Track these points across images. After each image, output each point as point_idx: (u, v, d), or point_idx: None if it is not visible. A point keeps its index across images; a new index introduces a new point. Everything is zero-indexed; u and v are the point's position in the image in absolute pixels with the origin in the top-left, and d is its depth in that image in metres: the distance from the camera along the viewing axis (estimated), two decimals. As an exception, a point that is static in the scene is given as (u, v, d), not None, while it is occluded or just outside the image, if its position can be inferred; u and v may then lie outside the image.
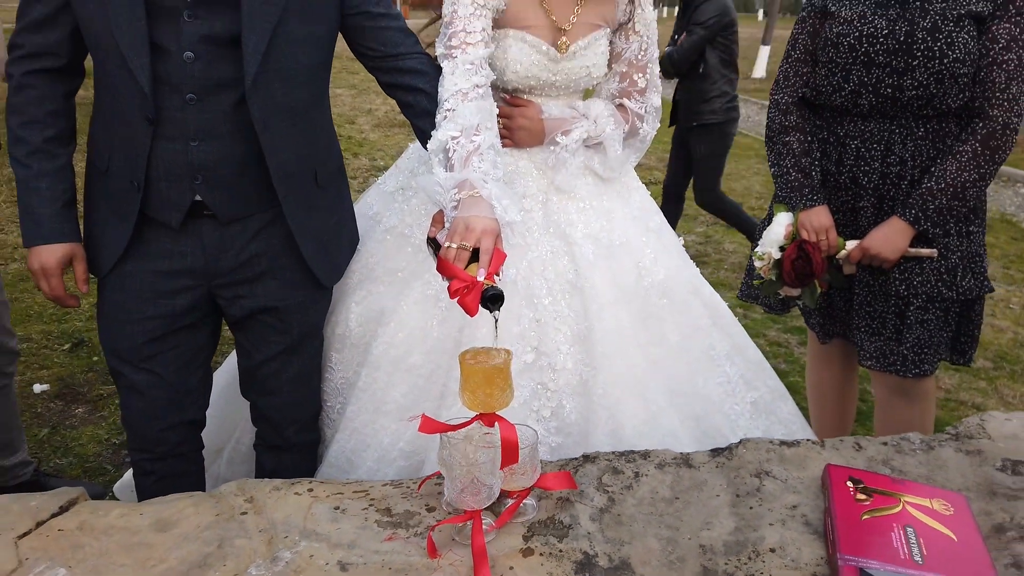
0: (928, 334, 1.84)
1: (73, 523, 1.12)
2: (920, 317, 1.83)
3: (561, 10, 1.54)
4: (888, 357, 1.86)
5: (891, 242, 1.77)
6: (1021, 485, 1.20)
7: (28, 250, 1.42)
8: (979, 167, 1.70)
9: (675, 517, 1.15)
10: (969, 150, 1.71)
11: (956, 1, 1.69)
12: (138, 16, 1.23)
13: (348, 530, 1.12)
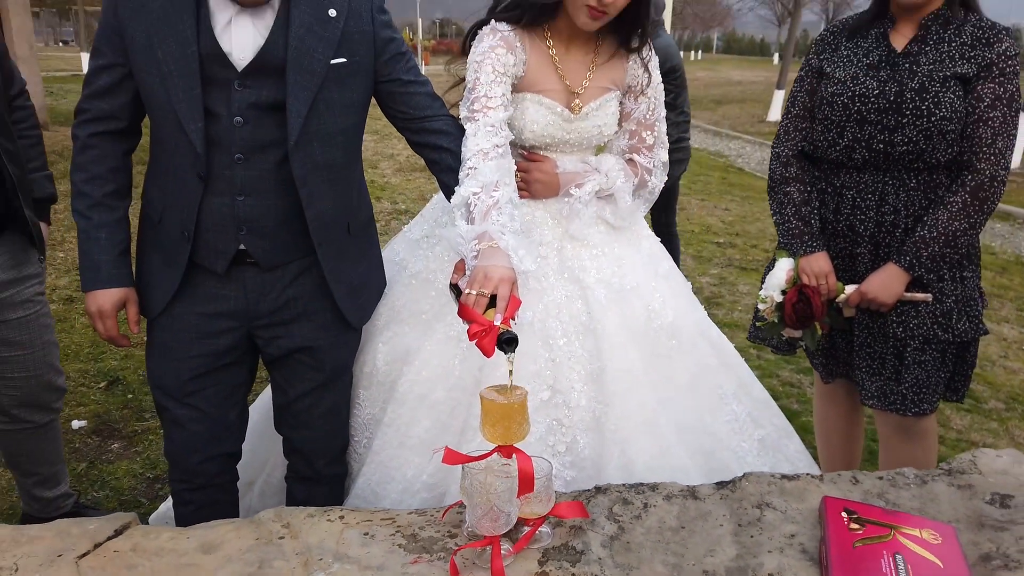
0: (926, 374, 1.91)
1: (127, 545, 1.22)
2: (918, 358, 1.91)
3: (574, 76, 1.68)
4: (888, 396, 1.94)
5: (887, 287, 1.86)
6: (1008, 517, 1.27)
7: (86, 294, 1.56)
8: (969, 216, 1.80)
9: (681, 545, 1.23)
10: (959, 201, 1.80)
11: (942, 64, 1.80)
12: (195, 87, 1.38)
13: (377, 554, 1.21)
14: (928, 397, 1.93)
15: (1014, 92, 1.80)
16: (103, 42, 1.45)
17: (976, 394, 3.52)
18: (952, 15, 1.83)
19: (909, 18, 1.87)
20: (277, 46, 1.40)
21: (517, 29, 1.64)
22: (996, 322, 4.53)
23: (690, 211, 7.04)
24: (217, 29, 1.38)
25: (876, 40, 1.91)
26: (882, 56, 1.88)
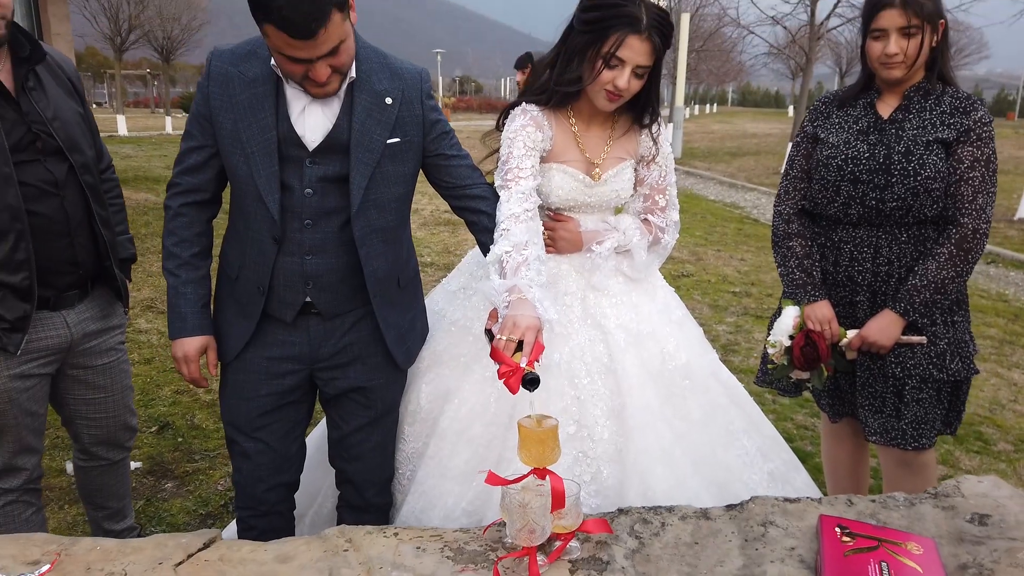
0: (924, 411, 2.08)
1: (215, 555, 1.42)
2: (916, 396, 2.08)
3: (594, 148, 1.92)
4: (890, 432, 2.11)
5: (885, 331, 2.05)
6: (985, 533, 1.43)
7: (173, 341, 1.79)
8: (955, 266, 1.99)
9: (694, 557, 1.41)
10: (946, 252, 2.00)
11: (925, 129, 2.02)
12: (273, 164, 1.63)
13: (429, 563, 1.40)
14: (927, 432, 2.10)
15: (990, 154, 2.02)
16: (194, 127, 1.71)
17: (986, 436, 3.64)
18: (931, 87, 2.06)
19: (893, 90, 2.10)
20: (342, 129, 1.65)
21: (544, 110, 1.89)
22: (1007, 367, 4.65)
23: (707, 261, 7.24)
24: (293, 116, 1.64)
25: (864, 109, 2.13)
26: (870, 123, 2.11)
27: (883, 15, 1.97)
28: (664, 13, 1.74)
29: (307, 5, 1.41)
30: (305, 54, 1.48)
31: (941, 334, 2.08)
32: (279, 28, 1.43)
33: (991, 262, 7.91)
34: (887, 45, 1.98)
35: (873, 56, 2.03)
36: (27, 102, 1.77)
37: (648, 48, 1.73)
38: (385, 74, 1.70)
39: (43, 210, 1.78)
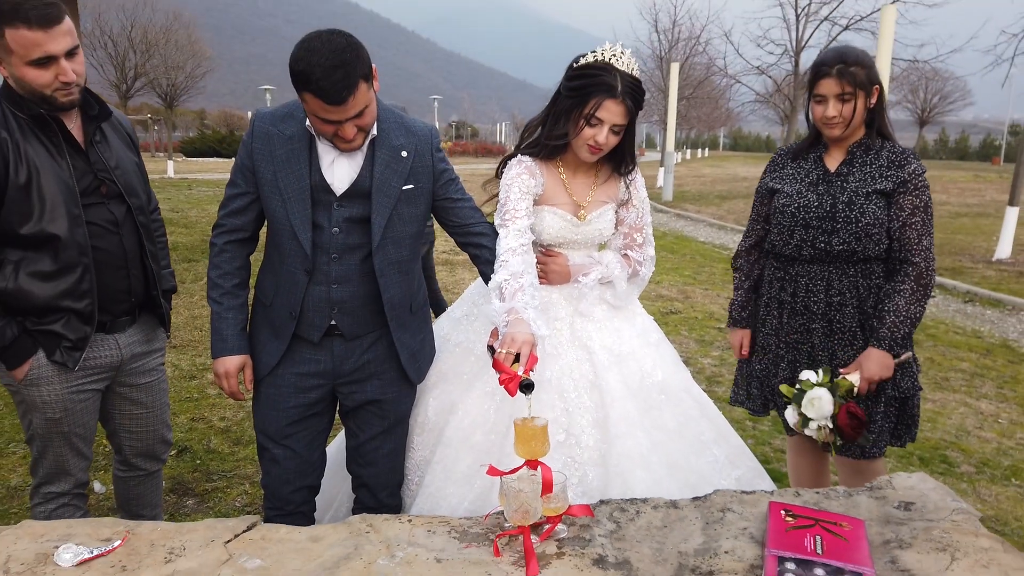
0: (874, 425, 2.35)
1: (257, 536, 1.68)
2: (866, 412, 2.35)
3: (580, 193, 2.23)
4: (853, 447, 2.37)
5: (883, 366, 2.26)
6: (908, 517, 1.70)
7: (215, 359, 2.07)
8: (919, 300, 2.28)
9: (663, 536, 1.67)
10: (908, 289, 2.28)
11: (866, 181, 2.33)
12: (306, 207, 1.93)
13: (439, 542, 1.66)
14: (877, 443, 2.37)
15: (927, 201, 2.32)
16: (238, 176, 2.01)
17: (950, 459, 3.90)
18: (871, 143, 2.37)
19: (838, 145, 2.42)
20: (365, 178, 1.96)
21: (537, 160, 2.20)
22: (976, 398, 4.92)
23: (694, 299, 7.54)
24: (324, 167, 1.95)
25: (814, 163, 2.45)
26: (819, 175, 2.42)
27: (823, 83, 2.30)
28: (636, 81, 2.06)
29: (339, 78, 1.72)
30: (336, 117, 1.80)
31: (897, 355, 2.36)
32: (316, 96, 1.75)
33: (968, 300, 8.22)
34: (827, 108, 2.30)
35: (816, 117, 2.35)
36: (94, 153, 2.08)
37: (623, 110, 2.05)
38: (401, 131, 2.01)
39: (105, 246, 2.08)
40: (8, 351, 1.99)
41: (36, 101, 1.93)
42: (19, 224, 1.94)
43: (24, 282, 1.99)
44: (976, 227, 14.14)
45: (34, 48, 1.85)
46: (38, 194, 1.94)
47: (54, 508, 2.22)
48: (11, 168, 1.90)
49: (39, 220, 1.95)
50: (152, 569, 1.53)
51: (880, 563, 1.53)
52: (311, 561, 1.58)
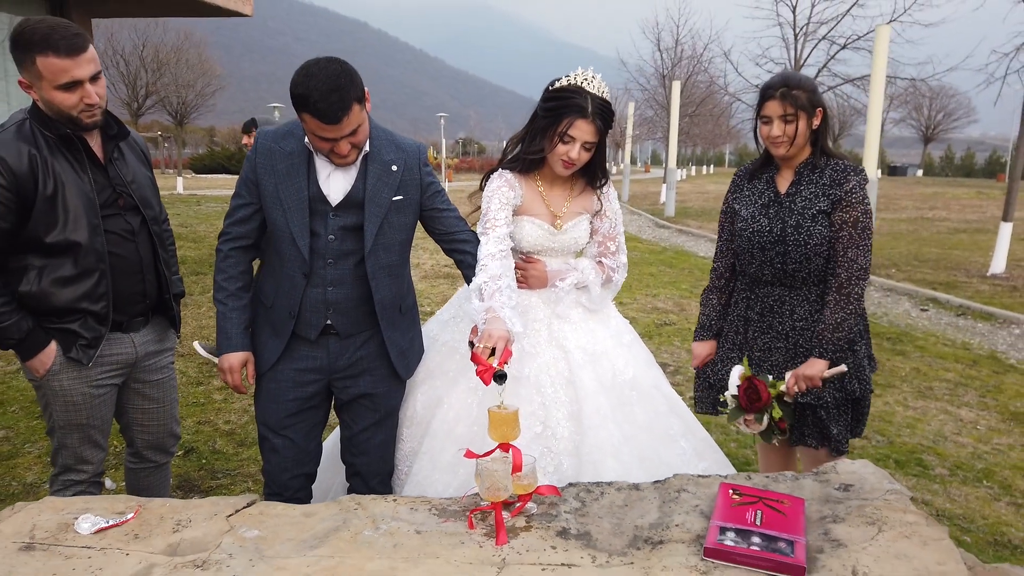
0: (835, 429, 2.51)
1: (256, 511, 1.86)
2: (827, 416, 2.51)
3: (556, 204, 2.42)
4: (810, 439, 2.54)
5: (812, 368, 2.43)
6: (846, 496, 1.87)
7: (220, 356, 2.26)
8: (843, 308, 2.43)
9: (623, 513, 1.84)
10: (832, 299, 2.44)
11: (810, 204, 2.47)
12: (305, 217, 2.13)
13: (420, 517, 1.83)
14: (843, 441, 2.53)
15: (858, 216, 2.43)
16: (243, 188, 2.21)
17: (925, 463, 4.05)
18: (817, 162, 2.52)
19: (788, 165, 2.57)
20: (358, 190, 2.15)
21: (516, 174, 2.40)
22: (957, 406, 5.06)
23: (689, 312, 7.71)
24: (320, 180, 2.15)
25: (767, 183, 2.60)
26: (770, 198, 2.57)
27: (767, 104, 2.47)
28: (606, 103, 2.26)
29: (335, 100, 1.93)
30: (332, 135, 2.00)
31: (844, 362, 2.52)
32: (314, 116, 1.95)
33: (961, 314, 8.36)
34: (771, 128, 2.48)
35: (762, 136, 2.52)
36: (113, 169, 2.28)
37: (593, 129, 2.24)
38: (391, 148, 2.21)
39: (122, 253, 2.28)
40: (23, 343, 2.19)
41: (63, 121, 2.14)
42: (45, 232, 2.14)
43: (46, 286, 2.19)
44: (973, 243, 14.27)
45: (62, 74, 2.05)
46: (63, 205, 2.14)
47: (72, 494, 2.40)
48: (40, 181, 2.11)
49: (63, 229, 2.15)
50: (161, 537, 1.72)
51: (814, 534, 1.70)
52: (304, 532, 1.76)
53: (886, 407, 4.99)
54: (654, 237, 15.60)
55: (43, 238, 2.15)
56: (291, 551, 1.67)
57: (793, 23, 15.21)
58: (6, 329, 2.15)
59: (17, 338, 2.17)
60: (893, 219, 19.14)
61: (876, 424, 4.63)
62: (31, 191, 2.09)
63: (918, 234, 15.72)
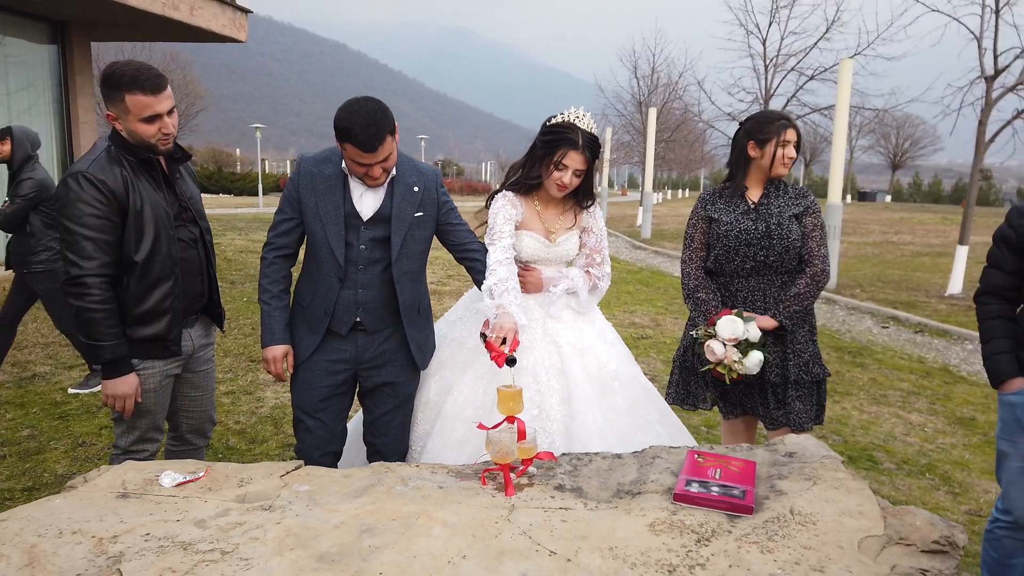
0: (802, 404, 2.95)
1: (303, 473, 2.23)
2: (795, 394, 2.95)
3: (550, 221, 2.84)
4: (778, 421, 2.97)
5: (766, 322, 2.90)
6: (789, 461, 2.28)
7: (264, 348, 2.63)
8: (810, 293, 2.91)
9: (608, 474, 2.24)
10: (804, 283, 2.91)
11: (784, 209, 2.96)
12: (341, 230, 2.52)
13: (440, 478, 2.21)
14: (805, 420, 2.96)
15: (822, 222, 2.96)
16: (286, 205, 2.60)
17: (876, 459, 4.50)
18: (778, 182, 3.01)
19: (756, 184, 3.05)
20: (386, 207, 2.55)
21: (517, 195, 2.82)
22: (908, 411, 5.53)
23: (664, 327, 8.16)
24: (354, 198, 2.54)
25: (740, 197, 3.07)
26: (747, 207, 3.04)
27: (789, 131, 2.95)
28: (594, 137, 2.69)
29: (373, 133, 2.33)
30: (368, 161, 2.40)
31: (806, 349, 2.97)
32: (354, 145, 2.35)
33: (919, 331, 8.89)
34: (789, 150, 2.95)
35: (777, 158, 2.96)
36: (178, 187, 2.66)
37: (583, 158, 2.67)
38: (413, 172, 2.62)
39: (188, 258, 2.65)
40: (112, 365, 2.50)
41: (143, 148, 2.51)
42: (135, 242, 2.49)
43: (136, 291, 2.52)
44: (935, 265, 14.96)
45: (146, 109, 2.43)
46: (147, 217, 2.51)
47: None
48: (130, 198, 2.48)
49: (148, 239, 2.51)
50: (230, 490, 2.08)
51: (763, 487, 2.11)
52: (346, 488, 2.13)
53: (843, 411, 5.44)
54: (631, 258, 16.11)
55: (133, 247, 2.50)
56: (338, 500, 2.05)
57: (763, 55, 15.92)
58: (103, 349, 2.47)
59: (108, 359, 2.50)
60: (860, 242, 19.87)
61: (833, 426, 5.08)
62: (125, 207, 2.46)
63: (883, 257, 16.40)
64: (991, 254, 2.65)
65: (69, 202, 2.42)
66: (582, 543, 1.79)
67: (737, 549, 1.76)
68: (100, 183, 2.42)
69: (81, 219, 2.41)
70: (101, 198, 2.42)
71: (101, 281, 2.45)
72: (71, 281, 2.44)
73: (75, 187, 2.42)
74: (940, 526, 1.89)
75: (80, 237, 2.41)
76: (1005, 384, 2.55)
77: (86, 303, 2.44)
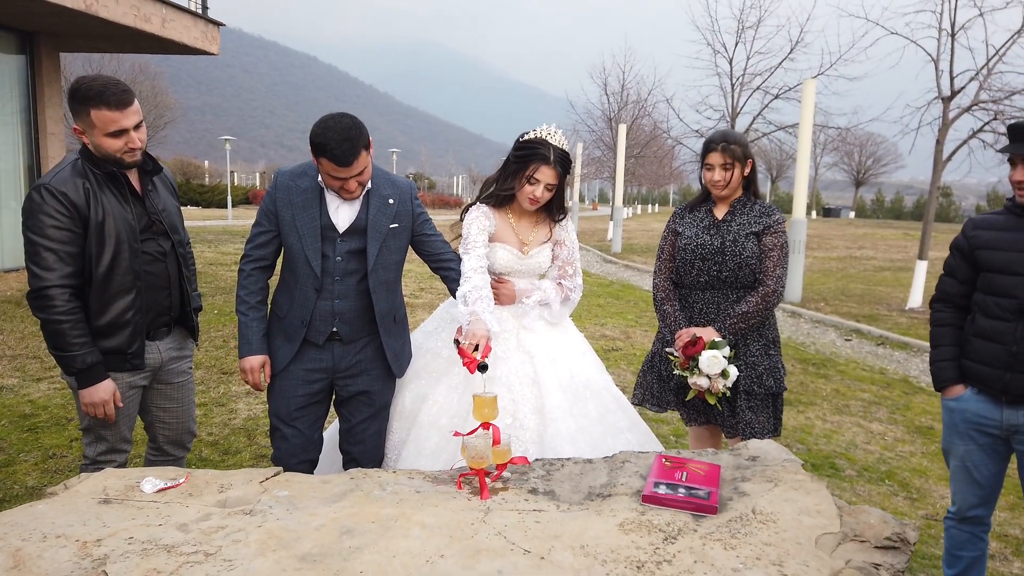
0: (754, 415, 3.05)
1: (282, 479, 2.27)
2: (746, 405, 3.06)
3: (524, 234, 2.93)
4: (734, 429, 3.07)
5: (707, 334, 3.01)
6: (751, 464, 2.38)
7: (241, 359, 2.67)
8: (760, 311, 3.01)
9: (579, 478, 2.32)
10: (753, 301, 3.02)
11: (744, 227, 3.08)
12: (317, 241, 2.58)
13: (416, 483, 2.27)
14: (759, 430, 3.06)
15: (783, 242, 3.07)
16: (263, 217, 2.65)
17: (838, 465, 4.64)
18: (747, 200, 3.14)
19: (723, 201, 3.17)
20: (361, 219, 2.62)
21: (491, 207, 2.90)
22: (869, 420, 5.70)
23: (634, 339, 8.29)
24: (331, 211, 2.61)
25: (706, 213, 3.19)
26: (711, 223, 3.16)
27: (710, 155, 3.06)
28: (565, 152, 2.79)
29: (347, 148, 2.40)
30: (343, 175, 2.47)
31: (759, 362, 3.08)
32: (330, 160, 2.42)
33: (880, 344, 9.13)
34: (713, 174, 3.07)
35: (705, 180, 3.11)
36: (148, 201, 2.70)
37: (554, 173, 2.77)
38: (388, 185, 2.69)
39: (154, 271, 2.68)
40: (85, 373, 2.53)
41: (109, 161, 2.55)
42: (96, 254, 2.52)
43: (95, 304, 2.55)
44: (896, 279, 15.35)
45: (111, 124, 2.47)
46: (108, 230, 2.54)
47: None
48: (92, 210, 2.51)
49: (108, 251, 2.54)
50: (211, 495, 2.12)
51: (727, 489, 2.20)
52: (325, 493, 2.18)
53: (807, 421, 5.59)
54: (602, 272, 16.28)
55: (93, 260, 2.54)
56: (318, 504, 2.10)
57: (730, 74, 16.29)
58: (73, 359, 2.50)
59: (79, 368, 2.53)
60: (824, 257, 20.30)
61: (797, 435, 5.22)
62: (86, 218, 2.49)
63: (846, 271, 16.78)
64: (946, 262, 2.81)
65: (32, 214, 2.46)
66: (555, 542, 1.86)
67: (702, 546, 1.84)
68: (62, 195, 2.45)
69: (43, 230, 2.45)
70: (63, 210, 2.46)
71: (64, 292, 2.48)
72: (34, 293, 2.47)
73: (37, 199, 2.46)
74: (892, 524, 2.00)
75: (42, 248, 2.45)
76: (947, 390, 2.70)
77: (50, 315, 2.47)
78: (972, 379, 2.71)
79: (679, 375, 3.13)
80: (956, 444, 2.77)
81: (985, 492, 2.77)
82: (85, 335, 2.52)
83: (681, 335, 3.08)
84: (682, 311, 3.20)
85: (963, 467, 2.77)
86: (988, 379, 2.65)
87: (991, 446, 2.71)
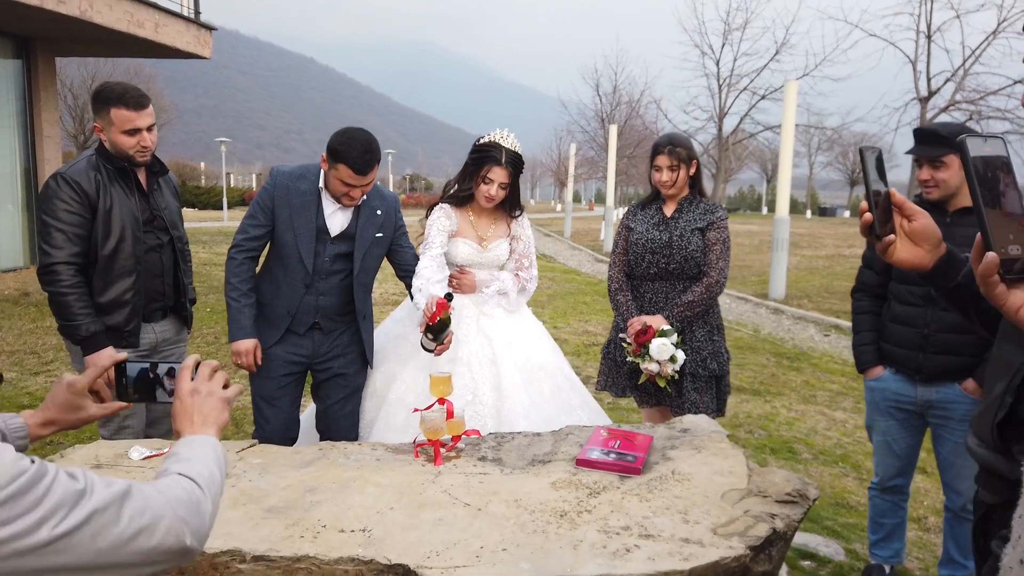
0: (698, 396, 3.31)
1: (257, 450, 2.53)
2: (691, 386, 3.32)
3: (483, 229, 3.19)
4: (681, 408, 3.33)
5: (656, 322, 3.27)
6: (682, 435, 2.63)
7: (233, 342, 2.92)
8: (702, 301, 3.26)
9: (526, 448, 2.57)
10: (698, 291, 3.27)
11: (690, 223, 3.33)
12: (312, 242, 2.84)
13: (378, 453, 2.53)
14: (703, 409, 3.32)
15: (726, 237, 3.32)
16: (258, 211, 2.91)
17: (796, 450, 4.90)
18: (693, 198, 3.39)
19: (672, 200, 3.42)
20: (352, 226, 2.89)
21: (453, 207, 3.16)
22: (833, 409, 5.97)
23: (615, 335, 8.56)
24: (326, 215, 2.87)
25: (656, 210, 3.45)
26: (660, 219, 3.42)
27: (658, 158, 3.32)
28: (517, 154, 3.06)
29: (368, 159, 2.69)
30: (356, 183, 2.74)
31: (704, 347, 3.34)
32: (349, 167, 2.69)
33: (856, 338, 9.39)
34: (661, 175, 3.32)
35: (654, 181, 3.37)
36: (153, 197, 2.97)
37: (506, 173, 3.03)
38: (377, 197, 2.97)
39: (153, 260, 2.95)
40: (89, 340, 2.81)
41: (122, 158, 2.84)
42: (102, 240, 2.80)
43: (99, 283, 2.84)
44: (880, 277, 15.59)
45: (128, 122, 2.77)
46: (115, 218, 2.82)
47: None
48: (100, 199, 2.79)
49: (113, 236, 2.82)
50: (192, 462, 2.38)
51: (655, 455, 2.46)
52: (295, 461, 2.44)
53: (772, 409, 5.86)
54: (592, 271, 16.55)
55: (100, 243, 2.81)
56: (287, 470, 2.35)
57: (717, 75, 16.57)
58: (78, 327, 2.78)
59: (84, 336, 2.80)
60: (813, 255, 20.56)
61: (760, 422, 5.48)
62: (95, 205, 2.77)
63: (832, 269, 17.04)
64: (864, 255, 3.07)
65: (47, 199, 2.77)
66: (492, 497, 2.12)
67: (621, 499, 2.10)
68: (75, 183, 2.77)
69: (56, 213, 2.76)
70: (75, 196, 2.76)
71: (69, 268, 2.78)
72: (44, 269, 2.76)
73: (53, 186, 2.78)
74: (795, 482, 2.26)
75: (53, 229, 2.75)
76: (868, 371, 2.96)
77: (57, 288, 2.76)
78: (890, 360, 2.97)
79: (632, 361, 3.39)
80: (877, 420, 3.03)
81: (903, 463, 3.03)
82: (88, 307, 2.81)
83: (633, 323, 3.33)
84: (634, 300, 3.46)
85: (884, 441, 3.04)
86: (904, 360, 2.91)
87: (908, 421, 2.98)
